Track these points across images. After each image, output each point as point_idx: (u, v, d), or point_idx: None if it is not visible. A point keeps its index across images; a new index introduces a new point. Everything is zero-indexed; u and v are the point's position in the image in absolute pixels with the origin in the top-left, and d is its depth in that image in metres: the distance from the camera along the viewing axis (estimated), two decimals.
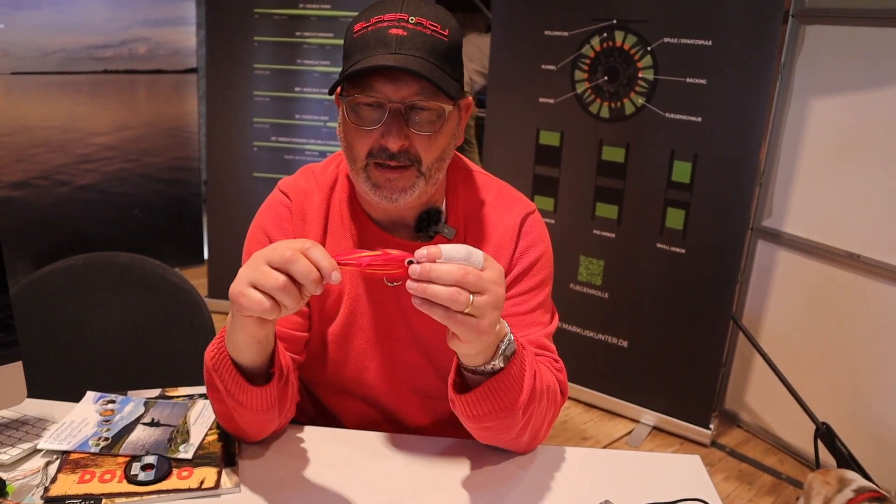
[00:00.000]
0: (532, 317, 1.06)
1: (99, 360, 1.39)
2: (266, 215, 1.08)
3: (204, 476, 0.94)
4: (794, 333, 2.43)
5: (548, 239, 1.11)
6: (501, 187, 1.12)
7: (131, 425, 1.04)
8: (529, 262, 1.07)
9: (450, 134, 0.98)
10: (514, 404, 0.89)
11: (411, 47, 0.90)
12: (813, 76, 2.30)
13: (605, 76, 2.42)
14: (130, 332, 1.40)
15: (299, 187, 1.09)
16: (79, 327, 1.39)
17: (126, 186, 3.73)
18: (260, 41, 3.17)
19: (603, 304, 2.58)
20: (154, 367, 1.37)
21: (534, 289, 1.07)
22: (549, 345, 1.06)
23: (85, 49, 3.47)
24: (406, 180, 0.96)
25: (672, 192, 2.37)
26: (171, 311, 1.40)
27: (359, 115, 0.94)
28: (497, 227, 1.08)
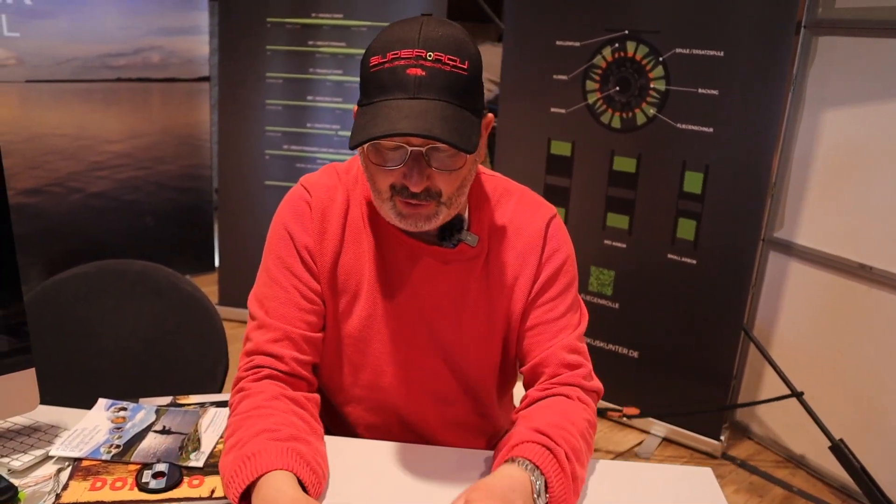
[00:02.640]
0: (563, 321, 1.08)
1: (111, 368, 1.39)
2: (286, 211, 1.09)
3: (215, 485, 0.94)
4: (806, 345, 2.41)
5: (570, 241, 1.13)
6: (522, 192, 1.13)
7: (143, 433, 1.05)
8: (556, 267, 1.08)
9: (471, 161, 0.98)
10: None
11: (430, 89, 0.88)
12: (825, 87, 2.30)
13: (617, 86, 2.42)
14: (142, 339, 1.41)
15: (321, 183, 1.09)
16: (91, 335, 1.40)
17: (138, 194, 3.76)
18: (272, 50, 3.19)
19: (613, 314, 2.57)
20: (166, 375, 1.38)
21: (562, 293, 1.09)
22: (580, 347, 1.09)
23: (99, 57, 3.50)
24: (429, 210, 0.97)
25: (683, 202, 2.36)
26: (183, 320, 1.41)
27: (380, 155, 0.94)
28: (521, 233, 1.09)
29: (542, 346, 1.07)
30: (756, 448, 2.56)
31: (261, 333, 1.04)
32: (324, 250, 1.06)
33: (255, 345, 1.04)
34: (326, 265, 1.06)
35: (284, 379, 1.03)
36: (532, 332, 1.09)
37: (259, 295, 1.08)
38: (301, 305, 1.05)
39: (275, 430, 0.92)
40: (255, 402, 0.97)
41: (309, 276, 1.06)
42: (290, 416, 0.97)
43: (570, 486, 0.91)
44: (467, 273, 1.07)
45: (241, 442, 0.91)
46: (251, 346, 1.05)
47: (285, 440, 0.91)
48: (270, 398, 0.98)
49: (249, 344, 1.05)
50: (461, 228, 1.06)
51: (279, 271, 1.06)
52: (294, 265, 1.06)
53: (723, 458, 2.48)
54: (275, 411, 0.96)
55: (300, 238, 1.06)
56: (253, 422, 0.94)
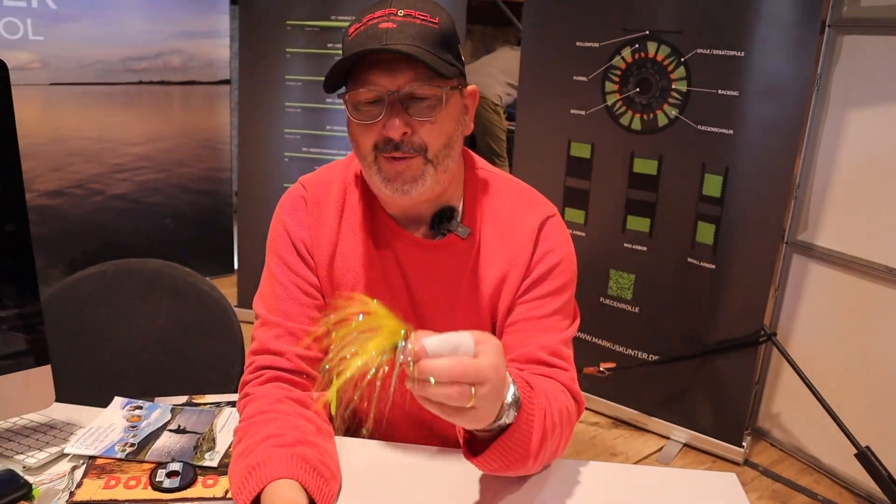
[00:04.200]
0: (547, 322, 1.04)
1: (128, 367, 1.39)
2: (283, 208, 1.09)
3: (229, 485, 0.93)
4: (831, 350, 2.37)
5: (569, 243, 1.09)
6: (522, 189, 1.11)
7: (157, 432, 1.04)
8: (547, 268, 1.05)
9: (454, 119, 0.98)
10: (525, 455, 0.87)
11: (401, 37, 0.91)
12: (850, 87, 2.25)
13: (637, 88, 2.40)
14: (159, 339, 1.40)
15: (318, 178, 1.10)
16: (108, 333, 1.40)
17: (158, 196, 3.79)
18: (292, 52, 3.20)
19: (633, 318, 2.54)
20: (182, 375, 1.38)
21: (551, 294, 1.05)
22: (562, 351, 1.04)
23: (121, 61, 3.54)
24: (415, 169, 0.96)
25: (702, 206, 2.33)
26: (200, 319, 1.40)
27: (360, 112, 0.95)
28: (515, 229, 1.06)
29: (520, 345, 1.02)
30: (779, 455, 2.52)
31: (264, 331, 1.04)
32: (320, 244, 1.06)
33: (258, 343, 1.04)
34: (324, 259, 1.06)
35: (289, 379, 1.01)
36: (512, 328, 1.04)
37: (262, 294, 1.08)
38: (301, 301, 1.05)
39: (280, 436, 0.91)
40: (259, 406, 0.96)
41: (307, 270, 1.06)
42: (296, 419, 0.96)
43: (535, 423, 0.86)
44: (456, 267, 1.06)
45: (248, 450, 0.90)
46: (255, 346, 1.04)
47: (291, 445, 0.90)
48: (274, 402, 0.97)
49: (254, 343, 1.05)
50: (451, 218, 1.05)
51: (278, 268, 1.06)
52: (292, 261, 1.06)
53: (745, 465, 2.44)
54: (279, 415, 0.95)
55: (296, 233, 1.06)
56: (258, 428, 0.93)
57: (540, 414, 0.87)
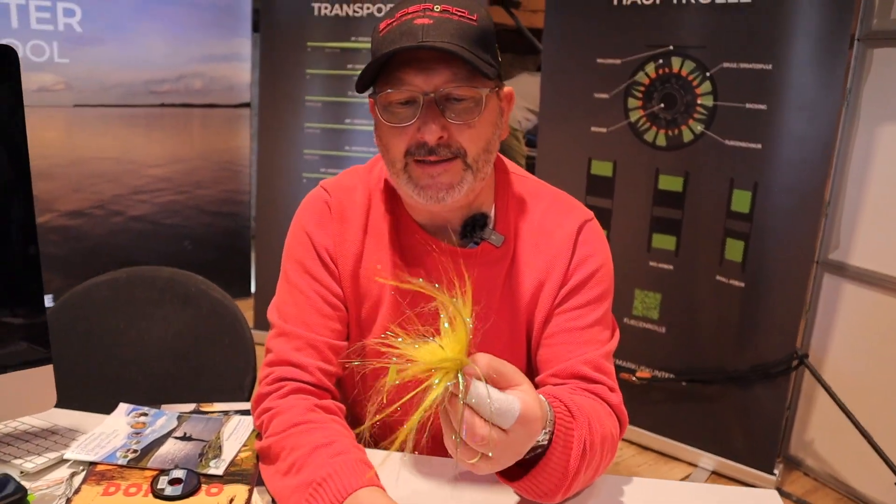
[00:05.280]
0: (588, 334, 0.98)
1: (138, 375, 1.35)
2: (305, 213, 1.04)
3: (234, 493, 0.88)
4: (866, 373, 2.27)
5: (607, 249, 1.03)
6: (556, 194, 1.06)
7: (162, 439, 0.99)
8: (587, 275, 0.99)
9: (492, 123, 0.93)
10: (557, 486, 0.82)
11: (438, 34, 0.85)
12: (882, 101, 2.19)
13: (662, 103, 2.35)
14: (170, 346, 1.36)
15: (341, 184, 1.04)
16: (120, 341, 1.37)
17: (177, 218, 3.78)
18: (312, 74, 3.20)
19: (660, 339, 2.46)
20: (193, 384, 1.33)
21: (591, 303, 0.99)
22: (605, 366, 0.97)
23: (143, 83, 3.56)
24: (452, 175, 0.90)
25: (731, 222, 2.26)
26: (212, 328, 1.36)
27: (392, 114, 0.90)
28: (551, 235, 1.00)
29: (561, 358, 0.96)
30: (813, 484, 2.40)
31: (282, 342, 0.98)
32: (345, 253, 1.00)
33: (276, 355, 0.97)
34: (348, 268, 1.00)
35: (311, 391, 0.96)
36: (552, 341, 0.98)
37: (279, 303, 1.01)
38: (324, 311, 0.99)
39: (331, 443, 0.86)
40: (290, 418, 0.90)
41: (330, 279, 1.00)
42: (335, 426, 0.91)
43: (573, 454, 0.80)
44: (491, 276, 0.99)
45: (298, 464, 0.84)
46: (272, 357, 0.98)
47: (347, 452, 0.85)
48: (306, 411, 0.91)
49: (270, 355, 0.99)
50: (484, 226, 0.99)
51: (299, 276, 1.00)
52: (314, 269, 1.00)
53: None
54: (318, 424, 0.89)
55: (320, 240, 1.00)
56: (299, 439, 0.87)
57: (578, 446, 0.81)
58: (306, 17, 3.16)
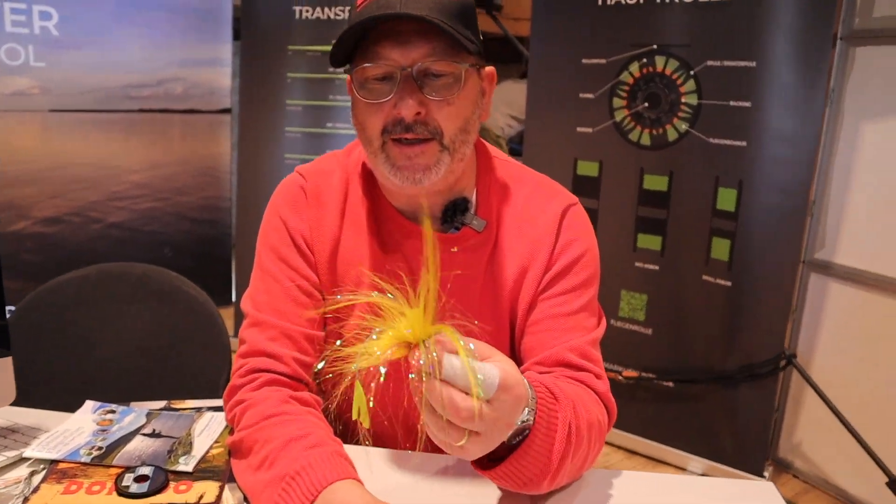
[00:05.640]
0: (574, 320, 0.94)
1: (109, 375, 1.30)
2: (279, 198, 1.00)
3: (204, 490, 0.83)
4: (854, 373, 2.25)
5: (592, 234, 1.00)
6: (539, 178, 1.02)
7: (129, 436, 0.94)
8: (572, 259, 0.95)
9: (471, 101, 0.89)
10: (542, 473, 0.77)
11: (417, 6, 0.82)
12: (865, 99, 2.19)
13: (646, 102, 2.33)
14: (144, 345, 1.31)
15: (318, 168, 1.00)
16: (90, 339, 1.31)
17: (156, 225, 3.72)
18: (293, 77, 3.16)
19: (646, 341, 2.43)
20: (166, 383, 1.28)
21: (576, 289, 0.95)
22: (592, 353, 0.93)
23: (122, 88, 3.51)
24: (429, 156, 0.86)
25: (717, 220, 2.24)
26: (186, 325, 1.31)
27: (369, 90, 0.86)
28: (535, 220, 0.97)
29: (546, 346, 0.92)
30: (803, 486, 2.38)
31: (255, 332, 0.93)
32: (321, 238, 0.96)
33: (249, 345, 0.93)
34: (325, 255, 0.96)
35: (286, 382, 0.91)
36: (536, 328, 0.94)
37: (252, 292, 0.97)
38: (298, 300, 0.94)
39: (305, 436, 0.81)
40: (262, 410, 0.86)
41: (306, 267, 0.96)
42: (310, 418, 0.87)
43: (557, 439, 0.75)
44: (472, 263, 0.95)
45: (271, 458, 0.80)
46: (246, 348, 0.93)
47: (323, 444, 0.80)
48: (280, 403, 0.87)
49: (244, 346, 0.94)
50: (465, 210, 0.95)
51: (273, 263, 0.96)
52: (289, 256, 0.96)
53: None
54: (293, 416, 0.85)
55: (295, 225, 0.96)
56: (272, 432, 0.83)
57: (563, 428, 0.76)
58: (287, 21, 3.12)
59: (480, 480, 0.88)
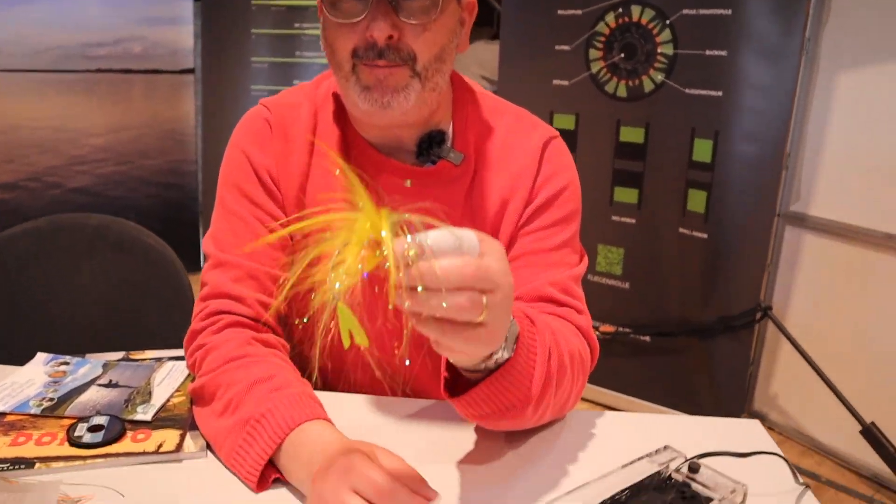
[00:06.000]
0: (557, 256, 0.90)
1: (65, 331, 1.23)
2: (242, 132, 0.93)
3: (164, 439, 0.77)
4: (828, 325, 2.25)
5: (574, 169, 0.95)
6: (519, 111, 0.97)
7: (84, 387, 0.88)
8: (554, 192, 0.91)
9: (449, 29, 0.83)
10: (524, 399, 0.71)
11: None
12: (841, 49, 2.16)
13: (622, 53, 2.28)
14: (101, 299, 1.24)
15: (284, 101, 0.94)
16: (44, 295, 1.24)
17: (120, 190, 3.60)
18: (258, 34, 3.05)
19: (623, 295, 2.41)
20: (126, 336, 1.22)
21: (558, 223, 0.91)
22: (574, 289, 0.89)
23: (79, 47, 3.36)
24: (398, 78, 0.80)
25: (693, 172, 2.21)
26: (146, 278, 1.25)
27: (339, 9, 0.80)
28: (514, 152, 0.92)
29: (525, 281, 0.87)
30: (778, 438, 2.39)
31: (218, 273, 0.88)
32: (288, 174, 0.90)
33: (211, 287, 0.88)
34: (292, 192, 0.90)
35: (249, 325, 0.86)
36: (516, 264, 0.89)
37: (214, 231, 0.91)
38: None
39: (269, 378, 0.76)
40: (224, 353, 0.81)
41: (272, 204, 0.90)
42: (275, 359, 0.82)
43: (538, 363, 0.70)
44: (450, 197, 0.90)
45: (235, 402, 0.75)
46: (207, 290, 0.88)
47: (288, 386, 0.76)
48: (243, 344, 0.82)
49: (205, 288, 0.89)
50: (442, 143, 0.89)
51: (236, 201, 0.90)
52: (253, 192, 0.89)
53: None
54: (257, 358, 0.80)
55: (259, 161, 0.90)
56: (235, 375, 0.78)
57: (543, 351, 0.71)
58: None
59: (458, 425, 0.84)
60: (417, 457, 0.74)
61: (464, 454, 0.79)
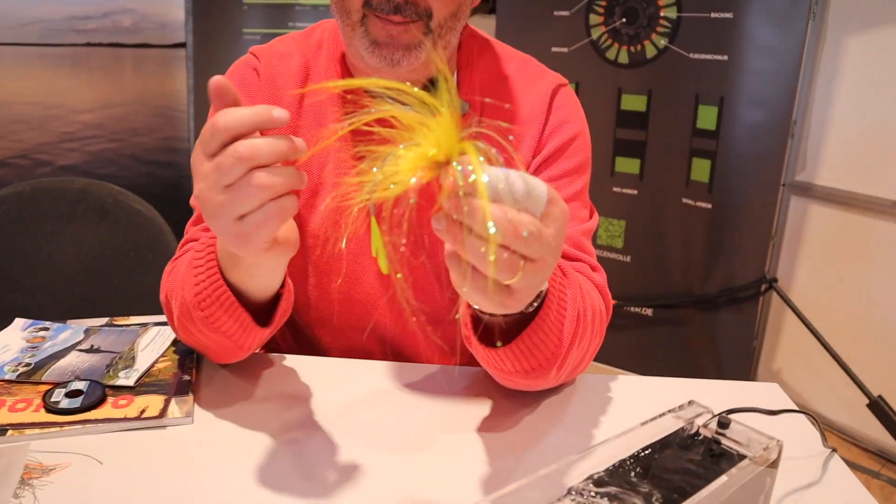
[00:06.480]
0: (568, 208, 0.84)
1: (48, 299, 1.18)
2: (229, 79, 0.87)
3: (146, 405, 0.72)
4: (834, 297, 2.21)
5: (584, 118, 0.90)
6: (526, 59, 0.92)
7: (63, 352, 0.83)
8: (564, 141, 0.86)
9: None
10: (552, 357, 0.67)
11: None
12: (849, 12, 2.09)
13: (623, 18, 2.22)
14: (85, 266, 1.19)
15: (273, 49, 0.88)
16: (27, 261, 1.19)
17: (112, 168, 3.53)
18: (250, 4, 2.98)
19: (625, 268, 2.36)
20: (111, 303, 1.17)
21: (568, 174, 0.86)
22: (586, 244, 0.85)
23: (66, 20, 3.28)
24: (412, 35, 0.75)
25: (697, 140, 2.16)
26: (132, 242, 1.19)
27: None
28: (522, 99, 0.86)
29: None
30: None
31: (201, 227, 0.85)
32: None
33: (189, 235, 0.85)
34: None
35: None
36: None
37: None
38: None
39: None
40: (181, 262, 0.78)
41: None
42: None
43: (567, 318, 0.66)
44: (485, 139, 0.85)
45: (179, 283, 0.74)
46: (184, 239, 0.86)
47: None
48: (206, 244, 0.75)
49: (185, 237, 0.86)
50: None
51: None
52: None
53: None
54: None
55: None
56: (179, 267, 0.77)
57: (573, 307, 0.67)
58: None
59: (465, 391, 0.80)
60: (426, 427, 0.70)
61: (478, 421, 0.74)
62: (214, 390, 0.78)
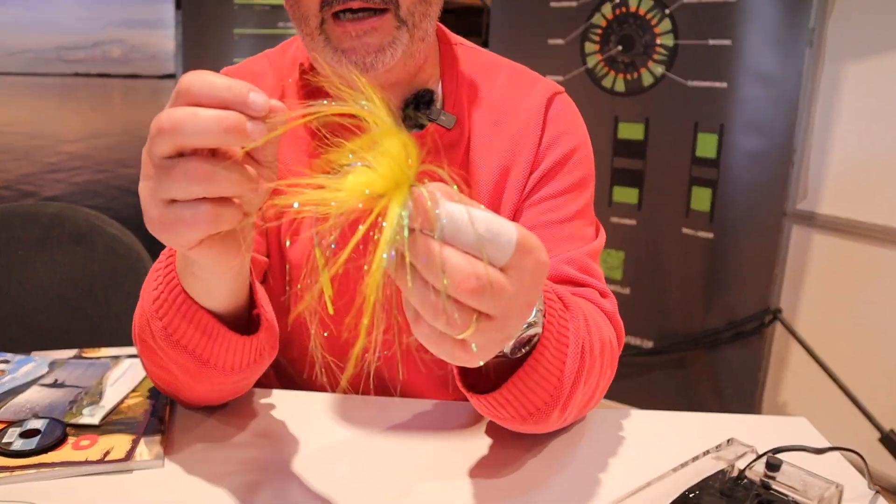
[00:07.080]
0: (570, 228, 0.78)
1: (19, 331, 1.10)
2: None
3: (112, 445, 0.65)
4: (842, 328, 2.14)
5: (584, 127, 0.83)
6: (516, 66, 0.86)
7: (23, 387, 0.75)
8: (562, 156, 0.79)
9: None
10: (551, 402, 0.59)
11: None
12: (847, 37, 2.07)
13: (620, 45, 2.19)
14: (58, 294, 1.11)
15: (246, 69, 0.83)
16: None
17: (98, 199, 3.46)
18: (240, 34, 2.95)
19: (624, 301, 2.29)
20: (85, 334, 1.09)
21: (569, 191, 0.79)
22: (593, 268, 0.78)
23: (54, 50, 3.24)
24: (383, 33, 0.68)
25: (697, 168, 2.11)
26: (108, 269, 1.12)
27: None
28: (514, 111, 0.80)
29: None
30: None
31: None
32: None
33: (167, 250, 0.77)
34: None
35: None
36: None
37: None
38: None
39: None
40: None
41: None
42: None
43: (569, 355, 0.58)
44: (443, 167, 0.78)
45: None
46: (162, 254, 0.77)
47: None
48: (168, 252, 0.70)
49: None
50: (430, 102, 0.78)
51: None
52: None
53: None
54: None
55: None
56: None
57: (576, 343, 0.59)
58: None
59: (463, 430, 0.72)
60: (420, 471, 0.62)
61: (474, 463, 0.66)
62: (190, 429, 0.70)
